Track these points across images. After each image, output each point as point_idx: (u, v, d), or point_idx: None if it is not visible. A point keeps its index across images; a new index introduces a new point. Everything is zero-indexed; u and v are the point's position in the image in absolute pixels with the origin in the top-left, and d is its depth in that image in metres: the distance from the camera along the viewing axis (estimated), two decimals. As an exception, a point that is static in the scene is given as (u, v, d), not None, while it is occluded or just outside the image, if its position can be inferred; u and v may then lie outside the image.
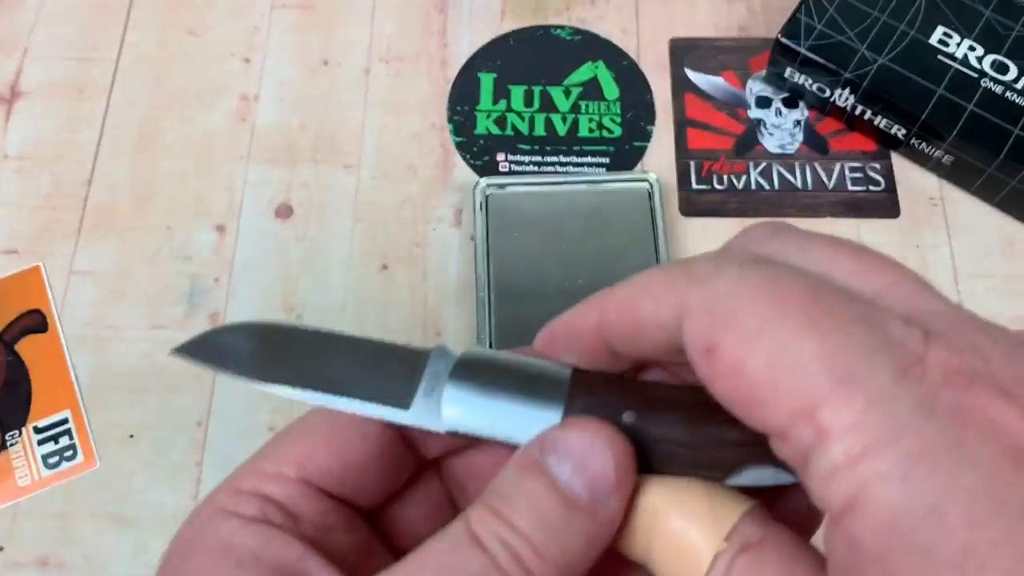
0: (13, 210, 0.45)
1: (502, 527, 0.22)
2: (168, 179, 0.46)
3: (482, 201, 0.43)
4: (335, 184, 0.46)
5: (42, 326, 0.42)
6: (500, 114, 0.47)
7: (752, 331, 0.19)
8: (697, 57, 0.49)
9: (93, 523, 0.39)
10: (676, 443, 0.24)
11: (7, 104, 0.47)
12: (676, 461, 0.24)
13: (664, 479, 0.23)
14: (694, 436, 0.24)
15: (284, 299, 0.43)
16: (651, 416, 0.24)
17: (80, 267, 0.44)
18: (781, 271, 0.20)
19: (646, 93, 0.48)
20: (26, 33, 0.49)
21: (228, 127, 0.47)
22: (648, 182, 0.43)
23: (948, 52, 0.44)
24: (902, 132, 0.44)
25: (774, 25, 0.49)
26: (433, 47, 0.49)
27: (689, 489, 0.23)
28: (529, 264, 0.42)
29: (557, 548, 0.22)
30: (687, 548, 0.22)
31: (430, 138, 0.47)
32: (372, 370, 0.26)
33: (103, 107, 0.47)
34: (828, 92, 0.45)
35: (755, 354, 0.18)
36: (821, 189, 0.45)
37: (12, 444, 0.40)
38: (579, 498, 0.22)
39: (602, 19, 0.50)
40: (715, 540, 0.21)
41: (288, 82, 0.48)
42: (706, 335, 0.19)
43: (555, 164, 0.46)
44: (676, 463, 0.24)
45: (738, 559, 0.21)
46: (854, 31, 0.44)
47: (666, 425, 0.24)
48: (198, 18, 0.50)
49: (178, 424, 0.40)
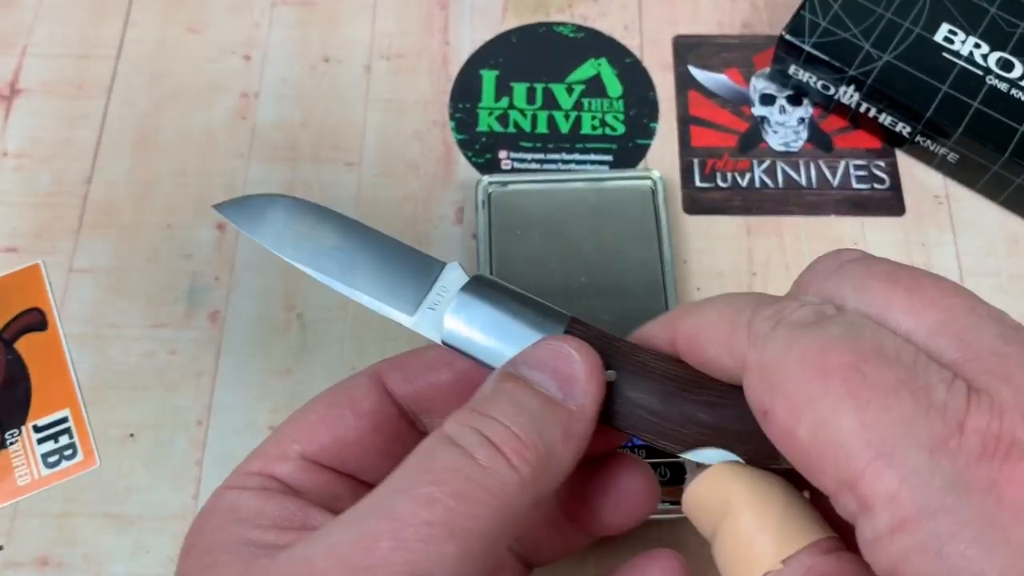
0: (12, 208, 0.45)
1: (478, 419, 0.22)
2: (168, 177, 0.46)
3: (484, 199, 0.43)
4: (336, 182, 0.45)
5: (41, 324, 0.42)
6: (502, 111, 0.47)
7: (798, 403, 0.20)
8: (700, 54, 0.48)
9: (93, 522, 0.38)
10: (647, 411, 0.25)
11: (6, 101, 0.47)
12: (643, 427, 0.25)
13: (752, 472, 0.24)
14: (666, 409, 0.25)
15: (285, 298, 0.43)
16: (631, 380, 0.25)
17: (80, 265, 0.43)
18: (828, 338, 0.20)
19: (649, 90, 0.48)
20: (25, 30, 0.49)
21: (228, 124, 0.47)
22: (651, 180, 0.43)
23: (953, 49, 0.43)
24: (907, 130, 0.44)
25: (778, 22, 0.49)
26: (435, 44, 0.49)
27: (771, 494, 0.23)
28: (531, 262, 0.42)
29: (536, 432, 0.22)
30: (745, 551, 0.23)
31: (432, 136, 0.47)
32: (388, 272, 0.28)
33: (103, 104, 0.47)
34: (832, 89, 0.45)
35: (802, 425, 0.20)
36: (825, 187, 0.45)
37: (11, 443, 0.40)
38: (553, 395, 0.23)
39: (605, 16, 0.50)
40: (773, 557, 0.22)
41: (289, 79, 0.48)
42: (760, 399, 0.21)
43: (558, 162, 0.46)
44: (642, 429, 0.25)
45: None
46: (859, 28, 0.44)
47: (643, 392, 0.25)
48: (198, 15, 0.50)
49: (178, 423, 0.40)
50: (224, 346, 0.42)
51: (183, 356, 0.42)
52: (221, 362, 0.41)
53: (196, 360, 0.41)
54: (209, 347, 0.42)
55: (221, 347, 0.42)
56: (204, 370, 0.41)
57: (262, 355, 0.42)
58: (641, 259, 0.42)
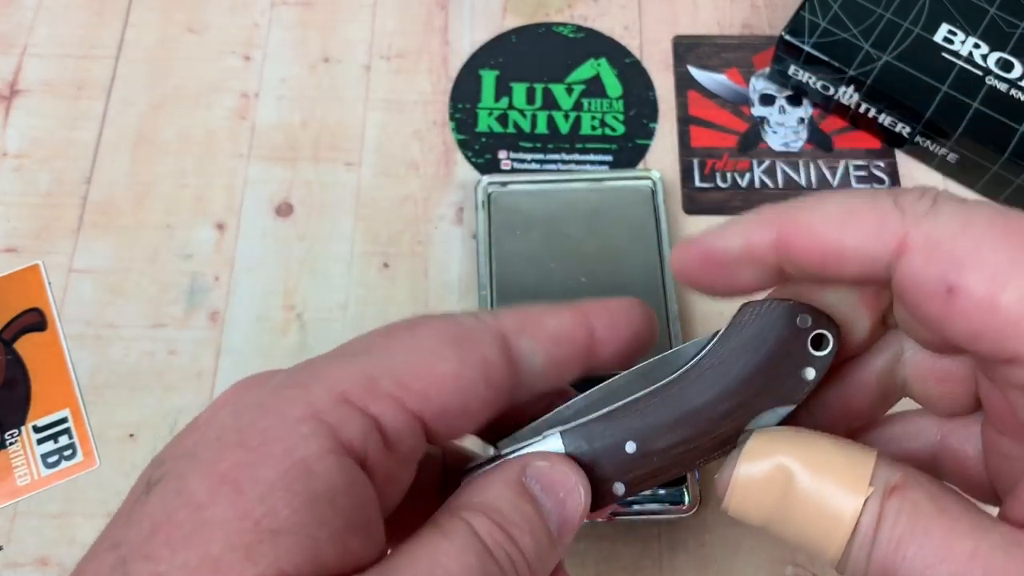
0: (12, 208, 0.45)
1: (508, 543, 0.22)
2: (168, 177, 0.46)
3: (484, 199, 0.43)
4: (336, 182, 0.45)
5: (41, 325, 0.42)
6: (502, 112, 0.47)
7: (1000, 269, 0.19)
8: (700, 54, 0.48)
9: (93, 522, 0.38)
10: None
11: (6, 102, 0.47)
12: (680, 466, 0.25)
13: (785, 430, 0.23)
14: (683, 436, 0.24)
15: (285, 297, 0.43)
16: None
17: (79, 265, 0.43)
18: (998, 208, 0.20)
19: (649, 91, 0.48)
20: (25, 31, 0.49)
21: (228, 125, 0.47)
22: (651, 180, 0.43)
23: (953, 50, 0.43)
24: (907, 130, 0.44)
25: (778, 22, 0.49)
26: (434, 44, 0.49)
27: (818, 443, 0.23)
28: (531, 262, 0.42)
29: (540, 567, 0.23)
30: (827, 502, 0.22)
31: (431, 136, 0.47)
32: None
33: (102, 105, 0.47)
34: (832, 90, 0.45)
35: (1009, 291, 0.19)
36: (825, 187, 0.45)
37: (11, 443, 0.40)
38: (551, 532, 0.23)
39: (605, 16, 0.50)
40: (860, 489, 0.21)
41: (288, 79, 0.48)
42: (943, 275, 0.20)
43: (557, 162, 0.46)
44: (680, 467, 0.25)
45: (888, 502, 0.21)
46: (858, 28, 0.44)
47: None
48: (198, 15, 0.50)
49: (178, 423, 0.40)
50: (224, 346, 0.42)
51: (183, 356, 0.42)
52: (221, 362, 0.41)
53: (196, 360, 0.41)
54: (209, 347, 0.42)
55: (221, 347, 0.42)
56: (204, 370, 0.41)
57: (262, 355, 0.42)
58: (641, 259, 0.42)
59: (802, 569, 0.37)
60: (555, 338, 0.25)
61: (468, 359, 0.23)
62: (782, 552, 0.38)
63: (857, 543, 0.21)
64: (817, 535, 0.22)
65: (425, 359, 0.23)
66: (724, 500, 0.23)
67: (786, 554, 0.38)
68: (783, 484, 0.22)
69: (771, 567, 0.37)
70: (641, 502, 0.37)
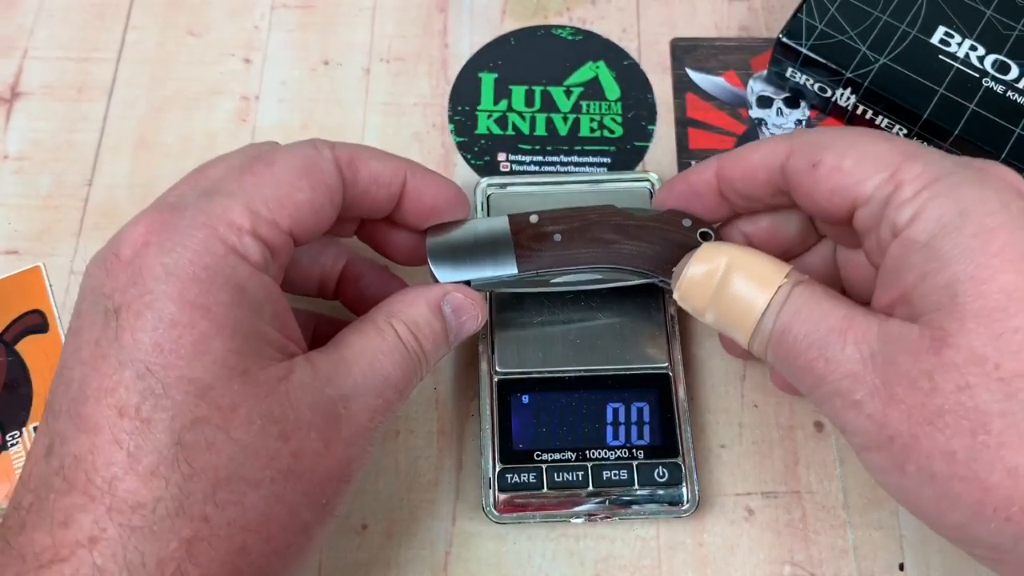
0: (13, 210, 0.45)
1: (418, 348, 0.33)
2: (169, 179, 0.45)
3: (483, 201, 0.43)
4: (336, 184, 0.45)
5: (43, 326, 0.42)
6: (501, 114, 0.47)
7: (845, 146, 0.31)
8: (698, 57, 0.49)
9: (94, 524, 0.38)
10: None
11: (7, 104, 0.47)
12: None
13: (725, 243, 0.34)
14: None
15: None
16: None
17: (81, 267, 0.43)
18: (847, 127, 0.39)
19: (647, 93, 0.48)
20: (26, 33, 0.49)
21: (229, 127, 0.47)
22: (649, 182, 0.43)
23: (949, 52, 0.44)
24: (904, 132, 0.44)
25: (775, 25, 0.49)
26: (434, 47, 0.49)
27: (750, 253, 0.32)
28: (530, 264, 0.42)
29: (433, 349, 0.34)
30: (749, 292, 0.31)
31: (431, 138, 0.47)
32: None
33: (103, 107, 0.47)
34: (829, 92, 0.45)
35: (849, 156, 0.31)
36: (822, 189, 0.45)
37: (13, 445, 0.40)
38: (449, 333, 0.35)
39: (603, 19, 0.50)
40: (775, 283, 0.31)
41: (289, 82, 0.48)
42: (811, 156, 0.32)
43: (556, 164, 0.46)
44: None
45: (795, 289, 0.31)
46: (855, 31, 0.44)
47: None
48: (198, 18, 0.50)
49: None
50: (224, 348, 0.42)
51: (183, 358, 0.42)
52: (221, 364, 0.42)
53: (196, 362, 0.42)
54: (209, 349, 0.42)
55: (221, 349, 0.42)
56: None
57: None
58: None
59: (800, 569, 0.38)
60: (375, 177, 0.34)
61: (318, 187, 0.31)
62: (780, 552, 0.38)
63: (767, 317, 0.30)
64: (740, 314, 0.31)
65: (286, 191, 0.31)
66: (675, 291, 0.33)
67: (784, 554, 0.38)
68: (720, 280, 0.32)
69: (769, 567, 0.38)
70: (640, 502, 0.37)
